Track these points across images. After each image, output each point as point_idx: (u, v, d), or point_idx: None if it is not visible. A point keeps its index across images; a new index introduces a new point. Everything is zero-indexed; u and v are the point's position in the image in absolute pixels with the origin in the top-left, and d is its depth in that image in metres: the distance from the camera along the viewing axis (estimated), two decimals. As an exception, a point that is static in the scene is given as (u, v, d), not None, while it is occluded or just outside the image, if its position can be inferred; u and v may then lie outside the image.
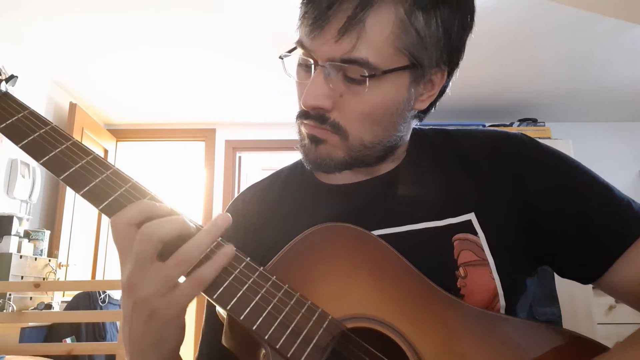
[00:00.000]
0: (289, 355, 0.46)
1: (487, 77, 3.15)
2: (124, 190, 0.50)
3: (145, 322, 0.46)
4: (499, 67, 3.05)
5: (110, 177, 0.51)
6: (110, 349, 1.98)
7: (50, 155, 0.51)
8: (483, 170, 0.63)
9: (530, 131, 3.45)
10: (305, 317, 0.48)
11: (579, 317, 2.92)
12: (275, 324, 0.47)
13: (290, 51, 0.62)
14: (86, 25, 2.59)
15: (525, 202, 0.61)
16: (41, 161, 0.50)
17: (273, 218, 0.69)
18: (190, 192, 4.34)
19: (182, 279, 0.47)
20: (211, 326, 0.68)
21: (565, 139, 3.38)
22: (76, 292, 2.71)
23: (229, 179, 3.85)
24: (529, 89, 3.38)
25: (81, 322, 2.54)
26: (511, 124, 3.54)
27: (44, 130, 0.52)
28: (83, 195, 0.49)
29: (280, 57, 0.63)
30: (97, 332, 2.60)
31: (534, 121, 3.54)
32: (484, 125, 3.48)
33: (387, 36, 0.55)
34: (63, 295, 2.96)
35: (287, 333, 0.47)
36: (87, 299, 2.65)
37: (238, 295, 0.47)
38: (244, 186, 3.91)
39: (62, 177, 0.49)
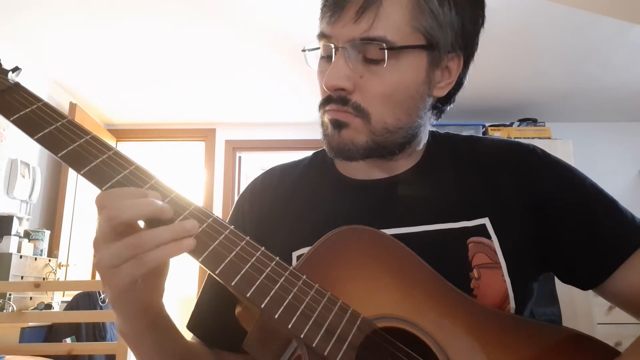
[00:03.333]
0: (325, 354, 0.46)
1: (487, 77, 3.15)
2: (148, 187, 0.49)
3: (102, 282, 0.47)
4: (499, 67, 3.05)
5: (133, 172, 0.50)
6: (110, 349, 1.98)
7: (69, 149, 0.49)
8: (497, 177, 0.65)
9: (530, 131, 3.45)
10: (338, 316, 0.49)
11: (579, 317, 2.92)
12: (310, 323, 0.47)
13: (313, 49, 0.64)
14: (86, 25, 2.59)
15: (536, 209, 0.63)
16: (59, 155, 0.48)
17: (286, 206, 0.70)
18: (190, 192, 4.31)
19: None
20: (209, 300, 0.70)
21: (565, 139, 3.38)
22: (76, 292, 2.71)
23: (229, 179, 3.85)
24: (529, 89, 3.38)
25: (81, 322, 2.54)
26: (511, 124, 3.54)
27: (60, 123, 0.50)
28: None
29: (303, 50, 0.65)
30: (97, 332, 2.60)
31: (534, 121, 3.54)
32: (483, 125, 3.48)
33: (404, 15, 0.57)
34: (63, 295, 2.96)
35: (322, 332, 0.47)
36: (87, 299, 2.65)
37: (271, 294, 0.47)
38: (243, 186, 3.89)
39: (82, 172, 0.48)
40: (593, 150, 3.72)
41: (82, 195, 3.34)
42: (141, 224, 0.48)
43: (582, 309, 2.93)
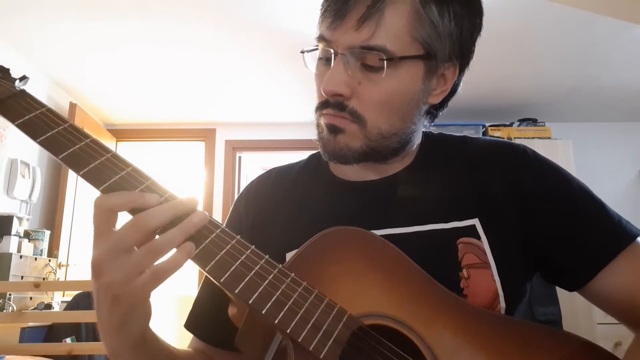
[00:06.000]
0: (310, 349, 0.47)
1: (487, 77, 3.15)
2: (144, 188, 0.51)
3: (109, 305, 0.46)
4: (499, 67, 3.05)
5: (130, 173, 0.52)
6: (110, 349, 1.97)
7: (69, 151, 0.51)
8: (488, 177, 0.66)
9: (530, 131, 3.45)
10: (325, 312, 0.49)
11: (579, 317, 2.92)
12: (297, 318, 0.48)
13: (312, 50, 0.64)
14: (86, 25, 2.59)
15: (525, 210, 0.63)
16: (60, 157, 0.51)
17: (281, 208, 0.71)
18: (190, 192, 4.33)
19: None
20: (207, 300, 0.70)
21: (565, 139, 3.38)
22: (76, 292, 2.71)
23: (228, 179, 3.85)
24: (529, 89, 3.38)
25: (81, 322, 2.54)
26: (511, 124, 3.54)
27: (62, 127, 0.53)
28: (103, 192, 0.50)
29: (302, 52, 0.65)
30: (97, 332, 2.60)
31: (534, 121, 3.54)
32: (484, 126, 3.48)
33: (404, 25, 0.58)
34: (63, 295, 2.95)
35: (308, 327, 0.48)
36: (87, 299, 2.65)
37: (259, 290, 0.48)
38: (243, 186, 3.88)
39: (81, 173, 0.50)
40: (593, 150, 3.72)
41: (82, 195, 3.34)
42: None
43: (582, 309, 2.93)
